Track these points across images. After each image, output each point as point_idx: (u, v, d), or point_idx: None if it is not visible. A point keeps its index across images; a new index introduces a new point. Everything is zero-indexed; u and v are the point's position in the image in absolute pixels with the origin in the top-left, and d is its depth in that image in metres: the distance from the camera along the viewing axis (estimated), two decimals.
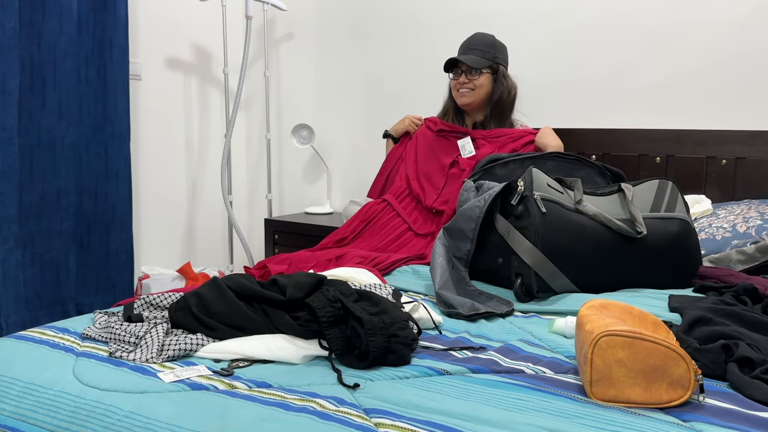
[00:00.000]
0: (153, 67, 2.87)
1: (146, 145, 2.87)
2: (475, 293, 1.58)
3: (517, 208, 1.61)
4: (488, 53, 2.32)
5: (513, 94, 2.37)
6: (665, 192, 1.73)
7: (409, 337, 1.15)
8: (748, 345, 1.09)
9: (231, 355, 1.15)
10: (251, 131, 3.38)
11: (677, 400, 0.95)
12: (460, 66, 2.33)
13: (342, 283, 1.28)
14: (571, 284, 1.59)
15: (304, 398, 0.98)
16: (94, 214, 2.56)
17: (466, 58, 2.30)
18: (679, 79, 2.38)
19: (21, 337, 1.23)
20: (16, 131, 2.27)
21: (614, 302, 1.14)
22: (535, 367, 1.13)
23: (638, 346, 0.96)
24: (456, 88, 2.36)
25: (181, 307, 1.27)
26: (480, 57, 2.31)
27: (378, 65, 3.00)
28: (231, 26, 3.14)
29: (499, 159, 2.01)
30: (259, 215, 3.38)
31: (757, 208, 1.91)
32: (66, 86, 2.42)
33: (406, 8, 2.90)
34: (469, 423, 0.89)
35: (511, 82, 2.37)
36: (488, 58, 2.31)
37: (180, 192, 3.05)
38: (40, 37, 2.34)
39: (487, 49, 2.33)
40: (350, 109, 3.10)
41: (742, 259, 1.75)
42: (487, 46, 2.34)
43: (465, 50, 2.36)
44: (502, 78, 2.34)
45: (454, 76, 2.36)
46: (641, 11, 2.42)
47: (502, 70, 2.35)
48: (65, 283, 2.48)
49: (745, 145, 2.22)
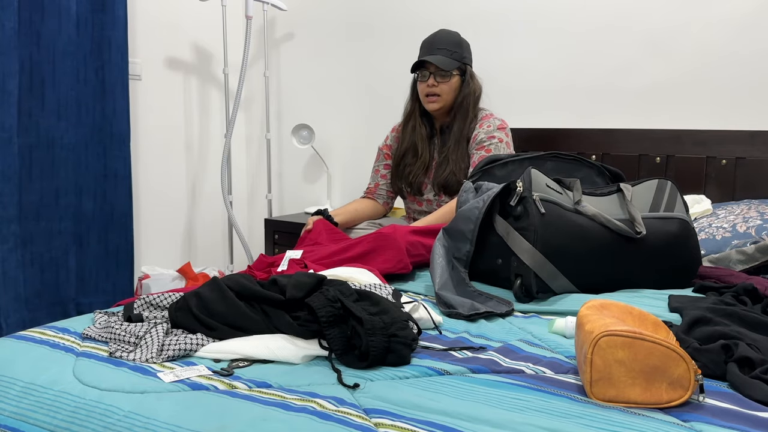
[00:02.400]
0: (153, 67, 2.87)
1: (146, 145, 2.87)
2: (474, 293, 1.58)
3: (516, 209, 1.61)
4: (456, 53, 2.23)
5: (478, 95, 2.29)
6: (664, 192, 1.73)
7: (409, 337, 1.15)
8: (748, 345, 1.09)
9: (231, 355, 1.15)
10: (251, 131, 3.38)
11: (677, 400, 0.95)
12: (427, 67, 2.22)
13: (342, 283, 1.28)
14: (570, 285, 1.59)
15: (304, 398, 0.98)
16: (93, 214, 2.56)
17: (434, 58, 2.19)
18: (678, 79, 2.38)
19: (21, 337, 1.23)
20: (15, 131, 2.27)
21: (614, 302, 1.14)
22: (535, 367, 1.13)
23: (638, 346, 0.96)
24: (424, 93, 2.24)
25: (181, 307, 1.27)
26: (448, 57, 2.21)
27: (378, 65, 3.00)
28: (231, 26, 3.14)
29: (497, 159, 2.01)
30: (259, 215, 3.38)
31: (757, 208, 1.91)
32: (65, 86, 2.42)
33: (406, 8, 2.90)
34: (469, 423, 0.89)
35: (477, 83, 2.29)
36: (456, 58, 2.23)
37: (180, 192, 3.05)
38: (39, 37, 2.34)
39: (454, 48, 2.24)
40: (350, 109, 3.10)
41: (742, 259, 1.75)
42: (454, 45, 2.24)
43: (431, 49, 2.24)
44: (469, 79, 2.26)
45: (420, 78, 2.24)
46: (641, 12, 2.42)
47: (469, 70, 2.27)
48: (65, 283, 2.48)
49: (745, 145, 2.22)
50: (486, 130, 2.24)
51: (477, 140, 2.23)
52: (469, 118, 2.26)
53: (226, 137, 2.89)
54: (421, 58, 2.23)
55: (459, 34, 2.29)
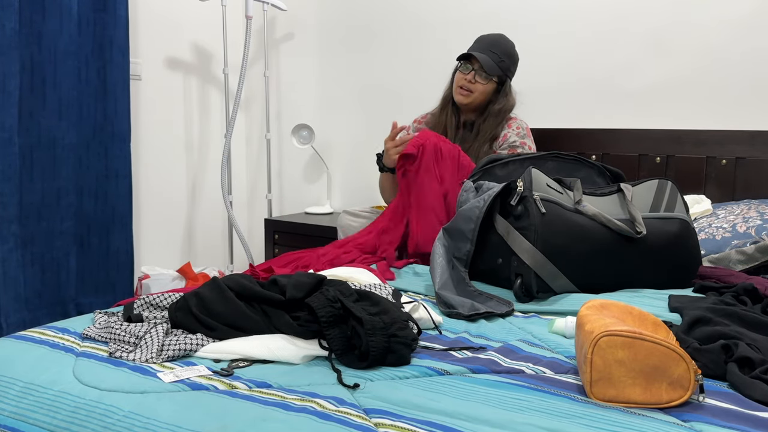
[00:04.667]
0: (153, 67, 2.87)
1: (146, 145, 2.87)
2: (475, 293, 1.58)
3: (517, 209, 1.61)
4: (503, 63, 2.26)
5: (509, 109, 2.32)
6: (664, 192, 1.73)
7: (409, 337, 1.15)
8: (747, 345, 1.09)
9: (231, 355, 1.15)
10: (251, 131, 3.38)
11: (677, 400, 0.95)
12: (473, 62, 2.26)
13: (342, 283, 1.28)
14: (570, 284, 1.59)
15: (304, 398, 0.98)
16: (94, 214, 2.56)
17: (483, 57, 2.22)
18: (678, 79, 2.38)
19: (21, 337, 1.23)
20: (16, 131, 2.27)
21: (614, 302, 1.14)
22: (535, 367, 1.13)
23: (638, 346, 0.96)
24: (459, 83, 2.29)
25: (180, 307, 1.27)
26: (495, 63, 2.24)
27: (378, 65, 3.00)
28: (231, 26, 3.14)
29: (498, 159, 2.01)
30: (259, 215, 3.38)
31: (757, 208, 1.91)
32: (66, 86, 2.42)
33: (407, 8, 2.90)
34: (469, 423, 0.89)
35: (512, 98, 2.32)
36: (502, 67, 2.26)
37: (180, 192, 3.06)
38: (40, 37, 2.34)
39: (504, 57, 2.27)
40: (350, 109, 3.10)
41: (741, 259, 1.75)
42: (505, 55, 2.27)
43: (483, 48, 2.28)
44: (506, 90, 2.29)
45: (463, 68, 2.29)
46: (641, 12, 2.42)
47: (508, 83, 2.31)
48: (65, 283, 2.48)
49: (745, 145, 2.22)
50: (516, 132, 2.28)
51: (509, 141, 2.27)
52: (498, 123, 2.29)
53: (226, 137, 2.89)
54: (471, 51, 2.26)
55: (514, 47, 2.32)
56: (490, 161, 1.96)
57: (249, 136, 3.39)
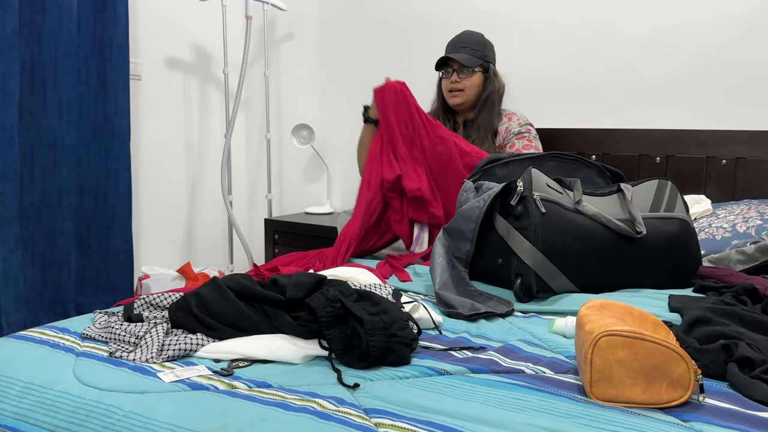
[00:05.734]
0: (153, 67, 2.87)
1: (146, 145, 2.87)
2: (475, 293, 1.58)
3: (517, 209, 1.61)
4: (479, 52, 2.31)
5: (501, 92, 2.37)
6: (664, 192, 1.73)
7: (409, 337, 1.15)
8: (748, 345, 1.09)
9: (231, 355, 1.15)
10: (251, 131, 3.38)
11: (677, 400, 0.95)
12: (451, 65, 2.31)
13: (342, 283, 1.28)
14: (570, 284, 1.59)
15: (304, 398, 0.98)
16: (94, 214, 2.56)
17: (458, 56, 2.29)
18: (678, 79, 2.38)
19: (21, 337, 1.23)
20: (16, 131, 2.27)
21: (614, 302, 1.14)
22: (535, 367, 1.13)
23: (638, 346, 0.96)
24: (447, 88, 2.34)
25: (181, 307, 1.27)
26: (471, 55, 2.29)
27: (378, 65, 3.00)
28: (231, 26, 3.14)
29: (498, 159, 2.01)
30: (259, 215, 3.38)
31: (757, 208, 1.91)
32: (66, 86, 2.42)
33: (406, 8, 2.90)
34: (469, 423, 0.89)
35: (500, 81, 2.37)
36: (479, 56, 2.31)
37: (180, 192, 3.06)
38: (40, 37, 2.34)
39: (477, 47, 2.32)
40: (350, 109, 3.10)
41: (742, 259, 1.75)
42: (478, 45, 2.32)
43: (455, 48, 2.34)
44: (492, 77, 2.34)
45: (444, 74, 2.35)
46: (641, 12, 2.42)
47: (492, 68, 2.35)
48: (65, 283, 2.48)
49: (745, 145, 2.22)
50: (518, 122, 2.32)
51: (512, 131, 2.30)
52: (494, 112, 2.34)
53: (226, 137, 2.89)
54: (444, 56, 2.31)
55: (483, 35, 2.37)
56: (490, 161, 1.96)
57: (249, 136, 3.39)
